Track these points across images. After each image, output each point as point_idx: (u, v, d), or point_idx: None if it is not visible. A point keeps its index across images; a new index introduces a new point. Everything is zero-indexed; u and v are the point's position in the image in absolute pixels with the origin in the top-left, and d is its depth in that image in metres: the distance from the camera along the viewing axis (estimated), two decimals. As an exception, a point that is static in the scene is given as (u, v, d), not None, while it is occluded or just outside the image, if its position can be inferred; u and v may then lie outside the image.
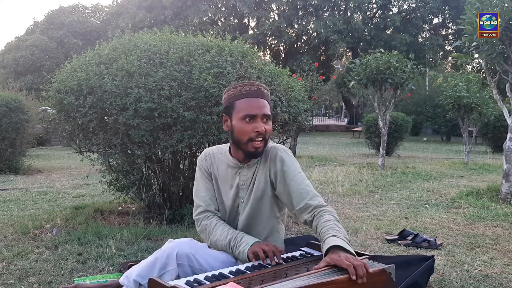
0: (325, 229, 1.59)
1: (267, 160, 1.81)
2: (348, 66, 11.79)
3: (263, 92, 1.77)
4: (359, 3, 22.31)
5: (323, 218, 1.66)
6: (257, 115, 1.72)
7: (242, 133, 1.73)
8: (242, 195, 1.84)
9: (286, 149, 1.85)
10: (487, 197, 4.65)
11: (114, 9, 28.60)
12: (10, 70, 24.53)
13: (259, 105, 1.73)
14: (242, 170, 1.83)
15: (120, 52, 3.27)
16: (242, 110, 1.72)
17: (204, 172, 1.90)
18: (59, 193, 5.17)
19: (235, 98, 1.75)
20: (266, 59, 4.27)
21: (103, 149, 3.36)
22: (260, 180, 1.81)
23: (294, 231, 3.35)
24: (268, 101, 1.78)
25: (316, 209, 1.71)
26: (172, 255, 1.64)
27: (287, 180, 1.76)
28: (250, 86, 1.76)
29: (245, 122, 1.72)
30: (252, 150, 1.74)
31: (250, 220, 1.84)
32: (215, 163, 1.89)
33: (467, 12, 4.29)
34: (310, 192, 1.75)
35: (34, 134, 8.42)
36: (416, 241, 2.99)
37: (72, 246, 2.85)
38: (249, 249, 1.68)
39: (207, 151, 1.94)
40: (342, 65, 31.73)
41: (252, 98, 1.74)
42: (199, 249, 1.73)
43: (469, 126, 8.66)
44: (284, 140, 3.84)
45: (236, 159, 1.83)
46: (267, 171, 1.80)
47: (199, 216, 1.86)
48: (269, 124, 1.76)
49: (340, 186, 5.43)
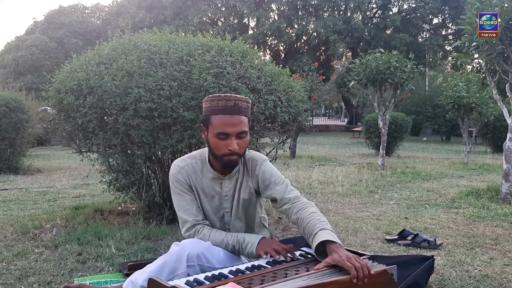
0: (312, 222, 1.64)
1: (249, 173, 1.88)
2: (348, 66, 11.80)
3: (240, 107, 1.74)
4: (359, 3, 22.31)
5: (306, 210, 1.71)
6: (230, 133, 1.71)
7: (216, 149, 1.75)
8: (226, 205, 1.89)
9: (263, 157, 1.91)
10: (487, 197, 4.65)
11: (114, 9, 28.60)
12: (10, 70, 24.54)
13: (234, 123, 1.71)
14: (223, 181, 1.87)
15: (120, 52, 3.26)
16: (216, 127, 1.72)
17: (183, 185, 1.85)
18: (59, 193, 5.17)
19: (211, 112, 1.75)
20: (266, 59, 4.27)
21: (103, 149, 3.36)
22: (245, 192, 1.88)
23: (294, 231, 3.35)
24: (246, 115, 1.77)
25: (294, 200, 1.78)
26: (182, 257, 1.61)
27: (270, 186, 1.85)
28: (227, 101, 1.72)
29: (219, 139, 1.72)
30: (227, 162, 1.77)
31: (239, 225, 1.92)
32: (193, 174, 1.86)
33: (467, 12, 4.29)
34: (287, 189, 1.83)
35: (34, 134, 8.42)
36: (416, 241, 2.99)
37: (72, 246, 2.84)
38: (258, 248, 1.72)
39: (180, 164, 1.87)
40: (342, 65, 31.73)
41: (227, 115, 1.71)
42: (208, 248, 1.73)
43: (469, 126, 8.65)
44: (284, 140, 3.84)
45: (216, 171, 1.84)
46: (250, 182, 1.88)
47: (190, 232, 1.83)
48: (245, 139, 1.77)
49: (340, 186, 5.43)
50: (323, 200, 4.65)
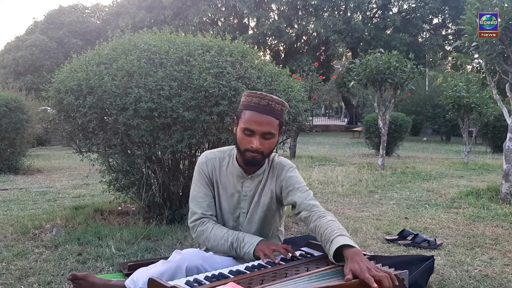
0: (330, 229, 1.60)
1: (274, 176, 1.86)
2: (348, 66, 11.79)
3: (272, 108, 1.74)
4: (359, 3, 22.31)
5: (325, 219, 1.67)
6: (256, 131, 1.71)
7: (240, 143, 1.76)
8: (243, 205, 1.86)
9: (292, 164, 1.89)
10: (487, 197, 4.66)
11: (114, 9, 28.60)
12: (10, 70, 24.52)
13: (262, 122, 1.71)
14: (245, 181, 1.85)
15: (120, 52, 3.26)
16: (245, 122, 1.73)
17: (204, 177, 1.86)
18: (59, 193, 5.17)
19: (244, 107, 1.76)
20: (266, 59, 4.27)
21: (103, 149, 3.36)
22: (266, 195, 1.85)
23: (294, 231, 3.35)
24: (278, 117, 1.75)
25: (314, 208, 1.75)
26: (181, 268, 1.61)
27: (292, 192, 1.81)
28: (261, 99, 1.73)
29: (245, 135, 1.73)
30: (249, 159, 1.75)
31: (253, 230, 1.87)
32: (218, 168, 1.87)
33: (467, 12, 4.29)
34: (309, 196, 1.80)
35: (34, 134, 8.41)
36: (416, 241, 2.99)
37: (72, 246, 2.84)
38: (257, 249, 1.69)
39: (209, 156, 1.89)
40: (342, 65, 31.73)
41: (258, 113, 1.72)
42: (207, 258, 1.72)
43: (469, 126, 8.65)
44: (284, 140, 3.84)
45: (242, 169, 1.84)
46: (274, 187, 1.85)
47: (195, 223, 1.84)
48: (271, 140, 1.75)
49: (340, 186, 5.43)
50: (323, 200, 4.65)
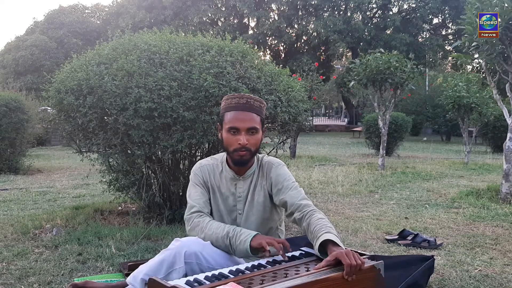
0: (319, 226, 1.67)
1: (263, 175, 1.92)
2: (348, 66, 11.79)
3: (252, 105, 1.83)
4: (359, 3, 22.30)
5: (314, 217, 1.73)
6: (240, 128, 1.79)
7: (228, 144, 1.83)
8: (239, 207, 1.92)
9: (280, 162, 1.96)
10: (487, 197, 4.65)
11: (114, 9, 28.58)
12: (10, 70, 24.51)
13: (245, 119, 1.80)
14: (238, 182, 1.92)
15: (120, 52, 3.27)
16: (228, 122, 1.82)
17: (199, 179, 1.94)
18: (59, 193, 5.17)
19: (225, 110, 1.85)
20: (266, 59, 4.27)
21: (103, 149, 3.36)
22: (259, 194, 1.92)
23: (294, 231, 3.35)
24: (258, 113, 1.84)
25: (306, 208, 1.79)
26: (180, 254, 1.64)
27: (282, 190, 1.87)
28: (239, 99, 1.83)
29: (231, 134, 1.81)
30: (237, 158, 1.82)
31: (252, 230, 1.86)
32: (212, 174, 1.95)
33: (467, 12, 4.29)
34: (300, 195, 1.85)
35: (34, 134, 8.41)
36: (416, 241, 2.99)
37: (72, 246, 2.85)
38: (253, 240, 1.68)
39: (203, 163, 1.98)
40: (342, 65, 31.72)
41: (240, 111, 1.81)
42: (206, 246, 1.73)
43: (469, 126, 8.65)
44: (284, 140, 3.84)
45: (233, 171, 1.91)
46: (265, 185, 1.92)
47: (192, 215, 1.86)
48: (256, 136, 1.83)
49: (340, 186, 5.43)
50: (323, 200, 4.65)
